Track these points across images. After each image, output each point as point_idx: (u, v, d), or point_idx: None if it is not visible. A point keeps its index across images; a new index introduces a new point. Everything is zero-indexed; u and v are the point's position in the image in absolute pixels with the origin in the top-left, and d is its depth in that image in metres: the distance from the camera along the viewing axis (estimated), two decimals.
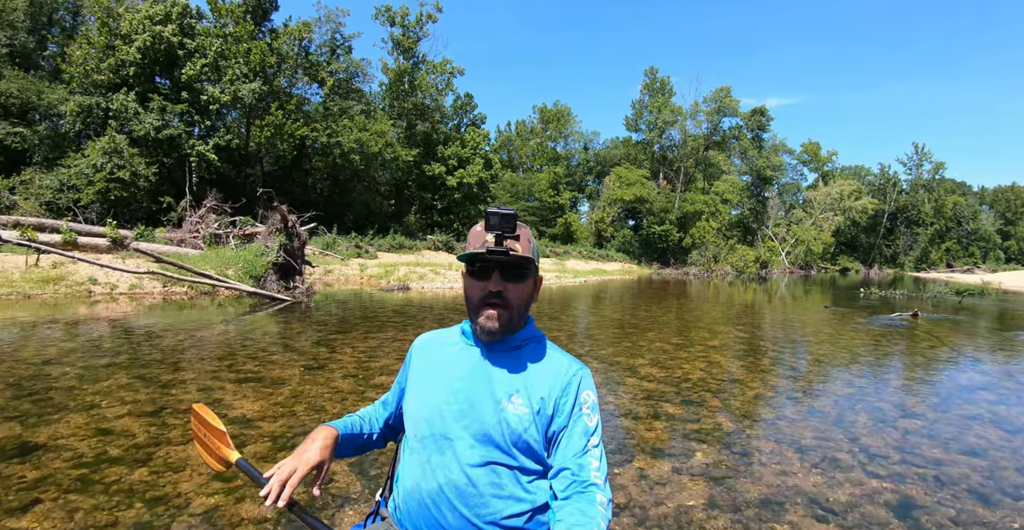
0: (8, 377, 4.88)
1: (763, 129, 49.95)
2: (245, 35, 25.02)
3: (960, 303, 17.35)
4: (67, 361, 5.57)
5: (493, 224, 1.19)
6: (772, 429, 4.21)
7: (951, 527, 2.71)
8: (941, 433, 4.22)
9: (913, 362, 7.23)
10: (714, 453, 3.61)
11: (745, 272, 38.59)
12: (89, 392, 4.50)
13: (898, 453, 3.74)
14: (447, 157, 31.42)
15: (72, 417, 3.87)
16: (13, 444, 3.35)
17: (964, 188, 79.66)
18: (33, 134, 24.02)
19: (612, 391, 5.11)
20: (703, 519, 2.70)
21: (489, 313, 1.24)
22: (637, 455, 3.51)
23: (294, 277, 14.61)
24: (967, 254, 71.64)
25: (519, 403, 1.24)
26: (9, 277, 12.41)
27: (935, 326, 10.91)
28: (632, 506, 2.80)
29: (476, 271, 1.26)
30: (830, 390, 5.51)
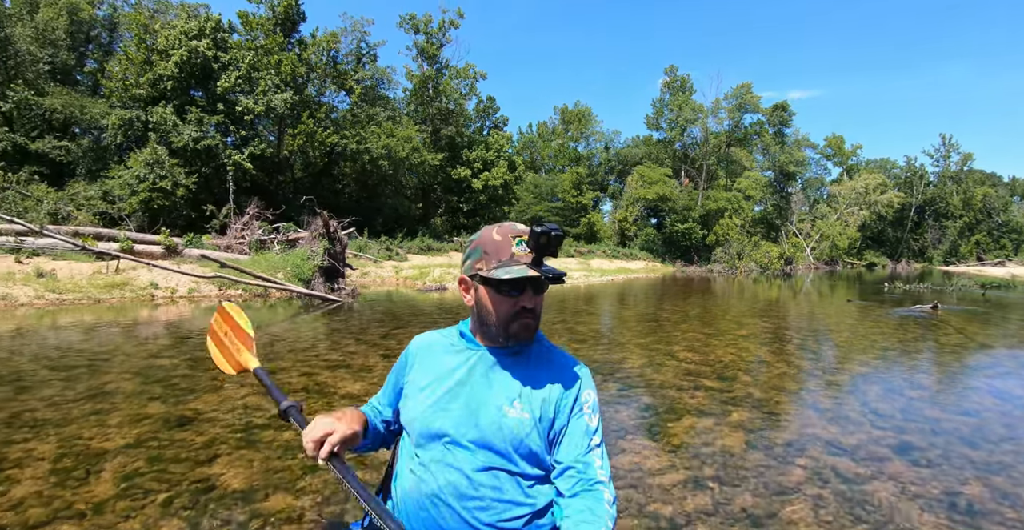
0: (130, 368, 5.84)
1: (785, 124, 50.27)
2: (275, 47, 26.27)
3: (983, 296, 17.86)
4: (169, 355, 6.51)
5: (542, 243, 1.19)
6: (795, 397, 5.06)
7: (941, 462, 3.53)
8: (942, 400, 5.02)
9: (926, 347, 7.98)
10: (747, 413, 4.47)
11: (769, 269, 39.03)
12: (206, 378, 5.42)
13: (901, 414, 4.56)
14: (472, 160, 32.52)
15: (205, 397, 4.70)
16: (172, 417, 4.21)
17: (994, 179, 78.63)
18: (77, 147, 25.56)
19: (656, 370, 5.98)
20: (742, 454, 3.57)
21: (525, 324, 1.29)
22: (685, 415, 4.38)
23: (337, 279, 15.66)
24: (998, 247, 70.77)
25: (520, 408, 1.27)
26: (77, 283, 13.56)
27: (953, 317, 11.57)
28: (685, 447, 3.68)
29: (504, 285, 1.27)
30: (847, 369, 6.33)
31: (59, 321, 8.94)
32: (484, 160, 32.65)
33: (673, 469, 3.31)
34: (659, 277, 31.07)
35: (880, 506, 2.87)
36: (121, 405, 4.34)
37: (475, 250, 1.32)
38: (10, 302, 11.42)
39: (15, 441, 3.47)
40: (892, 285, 22.98)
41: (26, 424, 3.80)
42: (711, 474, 3.25)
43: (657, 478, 3.18)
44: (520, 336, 1.30)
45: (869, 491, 3.05)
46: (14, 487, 2.82)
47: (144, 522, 2.51)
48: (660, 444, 3.74)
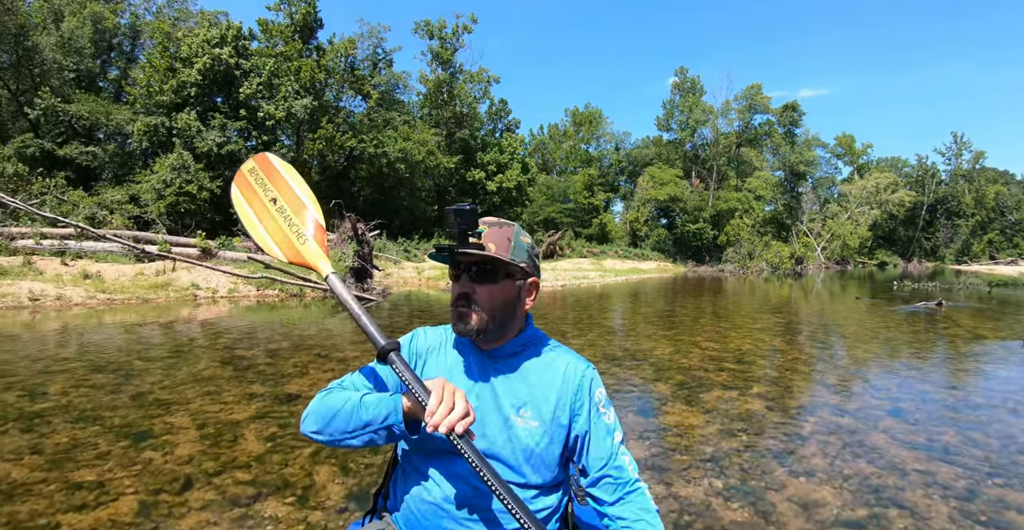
0: (214, 358, 6.76)
1: (795, 124, 51.16)
2: (294, 53, 27.33)
3: (989, 293, 18.68)
4: (243, 346, 7.38)
5: (451, 222, 1.17)
6: (806, 376, 5.98)
7: (925, 420, 4.42)
8: (932, 379, 5.94)
9: (925, 338, 8.86)
10: (765, 387, 5.40)
11: (780, 268, 39.84)
12: (288, 365, 6.29)
13: (897, 388, 5.48)
14: (486, 163, 33.58)
15: (296, 380, 5.54)
16: (279, 395, 5.02)
17: (1007, 177, 78.96)
18: (104, 153, 26.66)
19: (684, 356, 6.90)
20: (763, 414, 4.51)
21: (455, 313, 1.26)
22: (713, 388, 5.30)
23: (367, 280, 16.63)
24: (1011, 245, 71.23)
25: (528, 416, 1.25)
26: (123, 284, 14.53)
27: (956, 313, 12.42)
28: (717, 410, 4.61)
29: (452, 274, 1.29)
30: (852, 355, 7.25)
31: (119, 319, 9.89)
32: (498, 163, 33.71)
33: (709, 424, 4.24)
34: (671, 277, 31.94)
35: (874, 448, 3.79)
36: (226, 387, 5.17)
37: None
38: (65, 302, 12.36)
39: (153, 416, 4.30)
40: (901, 284, 23.78)
41: (152, 404, 4.61)
42: (740, 427, 4.18)
43: (698, 430, 4.11)
44: (456, 327, 1.27)
45: (865, 439, 3.97)
46: (178, 448, 3.64)
47: (302, 467, 3.38)
48: (696, 408, 4.67)
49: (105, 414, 4.28)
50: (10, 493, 2.90)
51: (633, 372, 6.00)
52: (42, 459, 3.34)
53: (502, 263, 1.24)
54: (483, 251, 1.20)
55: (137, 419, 4.19)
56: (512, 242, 1.25)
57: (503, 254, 1.22)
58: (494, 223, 1.27)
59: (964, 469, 3.45)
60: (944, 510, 2.89)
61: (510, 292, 1.27)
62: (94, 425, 4.01)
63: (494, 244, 1.22)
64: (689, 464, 3.47)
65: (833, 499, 3.01)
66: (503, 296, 1.26)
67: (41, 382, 5.18)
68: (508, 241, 1.24)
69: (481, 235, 1.21)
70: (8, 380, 5.22)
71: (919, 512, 2.87)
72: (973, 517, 2.82)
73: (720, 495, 3.04)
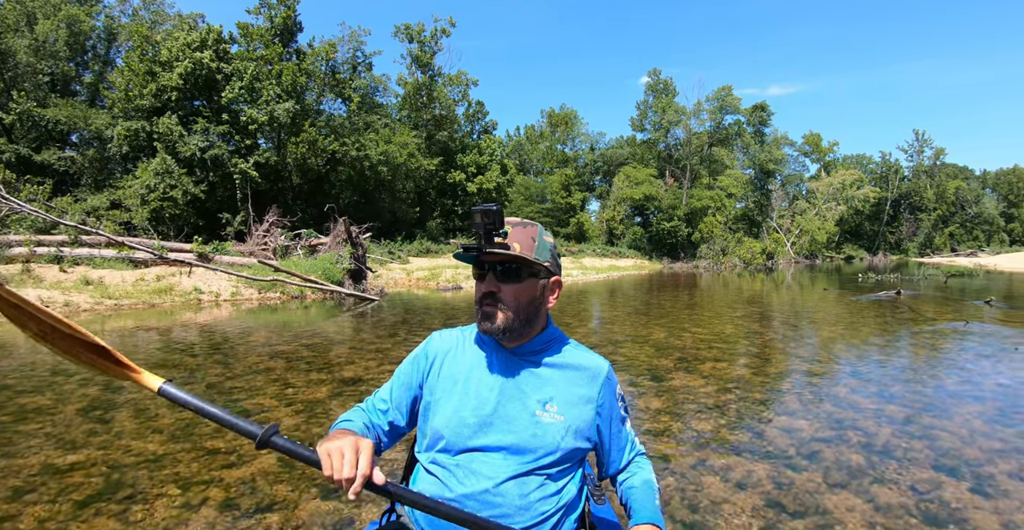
0: (261, 353, 7.71)
1: (764, 124, 53.49)
2: (275, 57, 27.87)
3: (946, 283, 20.42)
4: (279, 342, 8.37)
5: (476, 222, 1.23)
6: (781, 351, 7.19)
7: (878, 378, 5.61)
8: (886, 350, 7.20)
9: (883, 321, 10.21)
10: (750, 359, 6.59)
11: (752, 264, 41.70)
12: (332, 356, 7.31)
13: (856, 358, 6.72)
14: (466, 165, 34.58)
15: (346, 368, 6.60)
16: (341, 379, 6.05)
17: (966, 172, 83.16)
18: (83, 158, 26.83)
19: (677, 338, 8.06)
20: (750, 378, 5.67)
21: (482, 312, 1.31)
22: (707, 361, 6.45)
23: (362, 281, 17.49)
24: (971, 238, 75.10)
25: (554, 411, 1.30)
26: (126, 289, 15.08)
27: (913, 300, 13.91)
28: (711, 377, 5.74)
29: (476, 273, 1.34)
30: (819, 335, 8.53)
31: (136, 323, 10.62)
32: (477, 164, 34.75)
33: (708, 385, 5.39)
34: (648, 274, 33.34)
35: (837, 396, 4.98)
36: (286, 376, 5.87)
37: None
38: (73, 308, 12.77)
39: (239, 400, 5.07)
40: (867, 276, 25.52)
41: (231, 391, 5.29)
42: (732, 386, 5.33)
43: (700, 389, 5.24)
44: (481, 326, 1.32)
45: (830, 391, 5.16)
46: (283, 420, 4.51)
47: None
48: (695, 375, 5.80)
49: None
50: (158, 459, 3.58)
51: (638, 351, 7.13)
52: (165, 436, 3.97)
53: (527, 262, 1.29)
54: (508, 251, 1.26)
55: (227, 403, 4.81)
56: (536, 242, 1.31)
57: (528, 254, 1.28)
58: (518, 223, 1.32)
59: (905, 407, 4.64)
60: (887, 431, 4.06)
61: (534, 291, 1.33)
62: (184, 411, 4.56)
63: (519, 244, 1.28)
64: (698, 410, 4.59)
65: (807, 427, 4.15)
66: (528, 294, 1.32)
67: (109, 378, 6.05)
68: (532, 241, 1.30)
69: (507, 235, 1.27)
70: (86, 378, 6.07)
71: (870, 433, 4.03)
72: (911, 435, 3.98)
73: (724, 427, 4.16)
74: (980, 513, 2.83)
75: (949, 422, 4.28)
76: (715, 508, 2.89)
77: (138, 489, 3.15)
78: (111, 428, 4.16)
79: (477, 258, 1.32)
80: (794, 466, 3.43)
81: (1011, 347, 7.34)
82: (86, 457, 3.60)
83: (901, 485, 3.15)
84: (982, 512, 2.84)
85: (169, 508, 2.90)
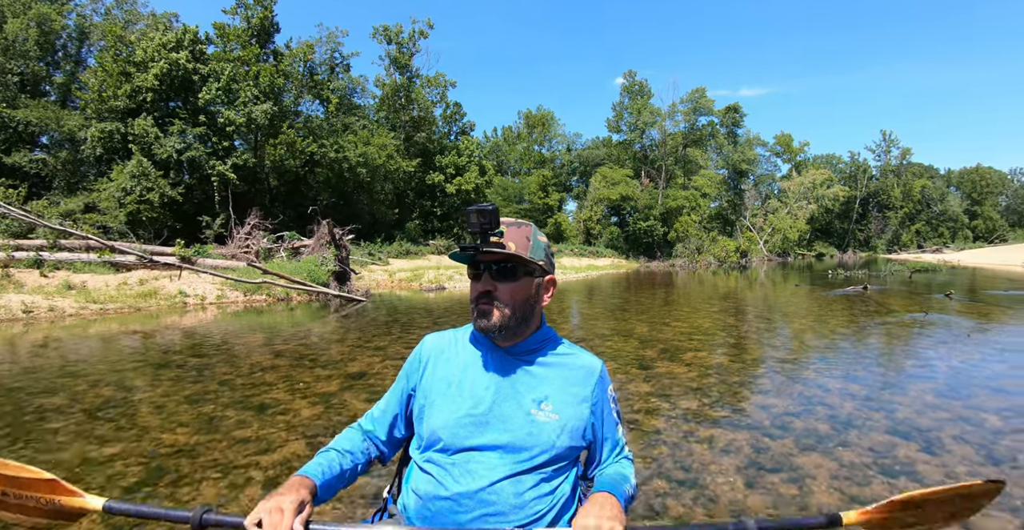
0: (264, 353, 8.04)
1: (737, 125, 54.90)
2: (252, 58, 27.85)
3: (910, 278, 21.43)
4: (277, 343, 8.71)
5: (472, 221, 1.23)
6: (756, 341, 7.75)
7: (845, 363, 6.17)
8: (851, 337, 7.81)
9: (849, 313, 10.89)
10: (727, 349, 7.13)
11: (727, 262, 42.74)
12: (334, 352, 7.67)
13: (825, 346, 7.31)
14: (445, 166, 34.89)
15: (350, 364, 6.99)
16: (350, 374, 6.47)
17: (931, 171, 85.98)
18: (55, 160, 26.47)
19: (659, 331, 8.59)
20: (727, 364, 6.20)
21: (478, 311, 1.32)
22: (688, 351, 6.98)
23: (346, 282, 17.74)
24: (936, 235, 77.72)
25: (549, 410, 1.31)
26: (109, 294, 15.06)
27: (878, 294, 14.71)
28: (693, 364, 6.25)
29: (472, 272, 1.36)
30: (790, 327, 9.14)
31: (124, 328, 10.79)
32: (456, 165, 35.08)
33: (691, 371, 5.90)
34: (626, 273, 34.04)
35: (806, 378, 5.52)
36: (293, 373, 6.14)
37: None
38: (59, 313, 12.63)
39: (253, 395, 5.52)
40: (836, 272, 26.54)
41: (243, 387, 5.55)
42: (712, 372, 5.86)
43: (683, 375, 5.75)
44: (477, 324, 1.33)
45: (800, 375, 5.70)
46: (301, 412, 5.00)
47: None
48: (678, 363, 6.32)
49: (208, 397, 5.13)
50: (191, 449, 3.86)
51: (624, 344, 7.63)
52: (191, 429, 4.24)
53: (523, 261, 1.31)
54: (504, 250, 1.27)
55: (242, 397, 5.10)
56: (531, 241, 1.33)
57: (523, 253, 1.29)
58: (512, 223, 1.34)
59: (867, 387, 5.20)
60: (850, 405, 4.59)
61: (530, 289, 1.35)
62: (208, 404, 4.88)
63: (514, 243, 1.29)
64: (683, 392, 5.08)
65: (780, 403, 4.68)
66: (524, 293, 1.33)
67: (120, 379, 6.36)
68: (527, 240, 1.32)
69: (503, 235, 1.28)
70: (96, 379, 6.36)
71: (835, 407, 4.56)
72: (871, 408, 4.53)
73: (707, 406, 4.66)
74: (927, 467, 3.36)
75: (905, 398, 4.84)
76: (704, 468, 3.37)
77: (181, 475, 3.39)
78: (135, 423, 4.38)
79: (472, 258, 1.34)
80: (770, 434, 3.94)
81: (964, 334, 8.02)
82: (121, 450, 3.82)
83: (861, 447, 3.67)
84: (929, 466, 3.37)
85: (216, 489, 3.20)
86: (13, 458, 1.24)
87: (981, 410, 4.44)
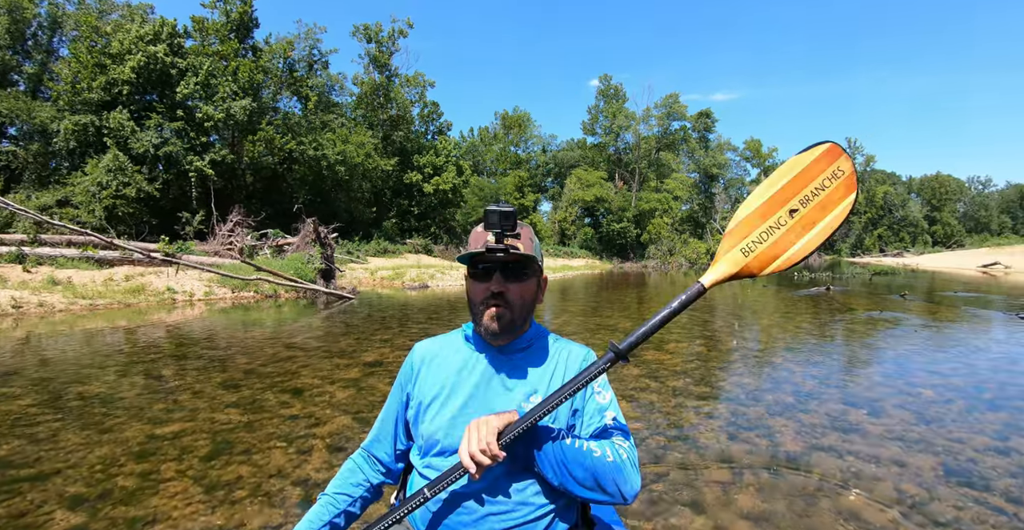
0: (274, 348, 8.65)
1: (709, 130, 56.91)
2: (231, 53, 28.00)
3: (870, 280, 22.89)
4: (286, 336, 9.32)
5: (492, 222, 1.23)
6: (728, 333, 8.70)
7: (811, 355, 7.10)
8: (816, 332, 8.79)
9: (813, 311, 11.95)
10: (704, 340, 8.03)
11: (698, 263, 44.22)
12: (343, 344, 8.33)
13: (790, 338, 8.25)
14: (422, 165, 35.48)
15: (362, 358, 7.71)
16: (364, 363, 7.18)
17: (894, 178, 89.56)
18: (26, 153, 26.21)
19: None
20: (706, 353, 7.07)
21: (490, 312, 1.31)
22: (670, 342, 7.85)
23: (332, 280, 18.24)
24: (898, 239, 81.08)
25: (537, 402, 1.32)
26: (96, 289, 15.18)
27: (840, 294, 15.91)
28: (675, 352, 7.11)
29: (479, 272, 1.33)
30: (759, 323, 10.13)
31: (119, 323, 11.24)
32: (434, 165, 35.73)
33: (674, 358, 6.77)
34: (600, 273, 35.09)
35: (773, 364, 6.41)
36: (312, 363, 6.84)
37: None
38: (48, 309, 12.60)
39: (283, 381, 6.23)
40: (802, 274, 27.95)
41: (271, 375, 6.27)
42: (693, 358, 6.73)
43: (668, 361, 6.60)
44: (490, 327, 1.32)
45: (769, 360, 6.60)
46: (336, 394, 5.66)
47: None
48: (664, 352, 7.18)
49: (241, 383, 5.57)
50: (249, 425, 4.31)
51: (611, 335, 8.48)
52: (241, 409, 4.71)
53: (535, 261, 1.34)
54: (520, 251, 1.28)
55: (274, 383, 5.65)
56: (533, 241, 1.36)
57: (531, 253, 1.31)
58: (522, 223, 1.34)
59: (826, 369, 6.12)
60: (812, 384, 5.49)
61: (534, 288, 1.38)
62: (244, 389, 5.38)
63: (522, 244, 1.30)
64: (670, 374, 5.93)
65: (752, 382, 5.55)
66: (530, 293, 1.36)
67: (146, 369, 6.95)
68: (531, 241, 1.34)
69: (520, 236, 1.29)
70: (121, 369, 6.93)
71: (798, 385, 5.45)
72: (828, 386, 5.42)
73: (691, 384, 5.50)
74: (872, 426, 4.23)
75: (857, 378, 5.77)
76: (694, 428, 4.19)
77: (249, 445, 3.80)
78: (184, 406, 4.74)
79: (473, 257, 1.32)
80: (745, 404, 4.79)
81: (912, 330, 9.09)
82: (181, 428, 4.18)
83: (819, 413, 4.54)
84: (873, 426, 4.24)
85: (285, 455, 3.70)
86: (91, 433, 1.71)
87: (919, 387, 5.38)
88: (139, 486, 3.25)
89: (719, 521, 2.77)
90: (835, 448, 3.76)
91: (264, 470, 3.47)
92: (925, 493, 3.07)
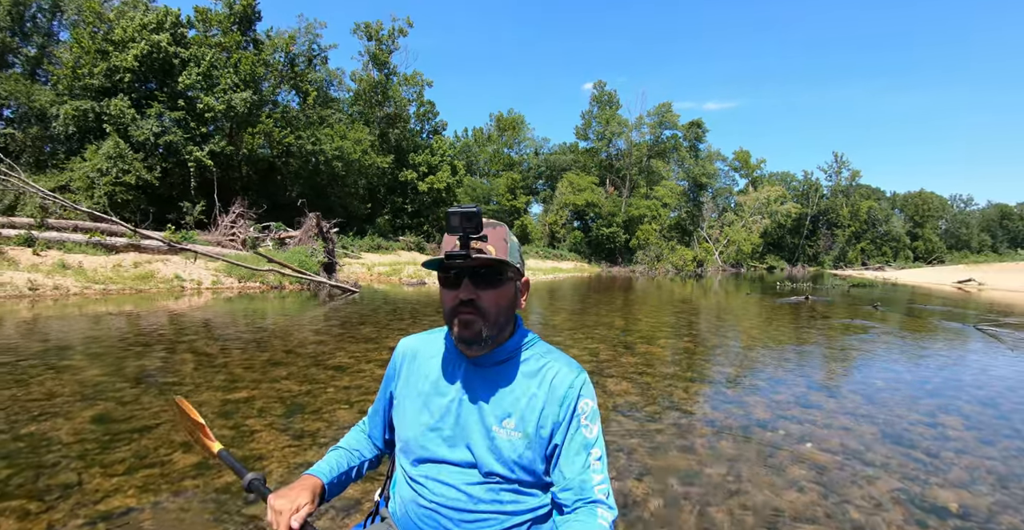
0: (307, 330, 9.54)
1: (699, 140, 58.50)
2: (233, 45, 28.60)
3: (848, 291, 24.24)
4: (307, 322, 10.22)
5: (454, 225, 1.18)
6: (714, 333, 9.75)
7: (784, 357, 8.17)
8: (795, 336, 9.87)
9: (792, 318, 13.07)
10: (690, 338, 9.08)
11: (684, 270, 45.64)
12: (366, 331, 9.25)
13: (770, 339, 9.32)
14: (418, 164, 36.38)
15: (390, 339, 8.66)
16: (390, 345, 8.15)
17: (878, 193, 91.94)
18: (25, 136, 26.58)
19: (634, 324, 10.52)
20: (692, 349, 8.12)
21: (460, 321, 1.25)
22: (661, 339, 8.88)
23: (333, 273, 19.09)
24: (880, 253, 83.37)
25: (511, 427, 1.26)
26: (106, 274, 15.76)
27: (818, 304, 17.11)
28: (666, 347, 8.14)
29: (449, 279, 1.27)
30: (741, 326, 11.20)
31: (140, 308, 12.05)
32: (429, 164, 36.66)
33: (664, 352, 7.79)
34: (589, 276, 36.21)
35: (754, 358, 7.45)
36: (343, 345, 7.88)
37: None
38: (63, 292, 13.32)
39: (326, 359, 7.17)
40: (784, 284, 29.31)
41: (311, 356, 7.39)
42: (682, 352, 7.76)
43: (658, 354, 7.62)
44: (461, 335, 1.26)
45: (749, 355, 7.65)
46: (375, 371, 6.63)
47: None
48: (655, 346, 8.20)
49: (286, 361, 6.48)
50: (310, 392, 5.45)
51: (607, 333, 9.49)
52: (295, 381, 5.68)
53: (508, 265, 1.28)
54: (487, 254, 1.22)
55: (316, 362, 6.67)
56: (508, 243, 1.29)
57: (504, 256, 1.25)
58: (487, 224, 1.27)
59: (796, 364, 7.17)
60: (783, 372, 6.54)
61: (511, 294, 1.31)
62: (291, 366, 6.48)
63: (494, 246, 1.25)
64: (661, 364, 6.95)
65: (734, 371, 6.59)
66: (506, 299, 1.29)
67: (191, 347, 7.83)
68: (505, 242, 1.27)
69: (486, 239, 1.24)
70: (167, 346, 7.81)
71: (772, 374, 6.49)
72: (797, 375, 6.46)
73: (680, 371, 6.52)
74: (828, 403, 5.26)
75: (822, 371, 6.83)
76: (684, 402, 5.20)
77: (317, 407, 4.50)
78: (243, 378, 5.43)
79: (442, 262, 1.23)
80: (727, 387, 5.82)
81: (877, 335, 10.23)
82: (249, 395, 4.79)
83: (788, 394, 5.57)
84: (829, 403, 5.27)
85: (351, 414, 4.49)
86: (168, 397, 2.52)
87: (873, 378, 6.45)
88: (235, 436, 3.93)
89: (706, 461, 3.78)
90: (796, 417, 4.79)
91: (338, 423, 4.22)
92: (863, 447, 4.09)
